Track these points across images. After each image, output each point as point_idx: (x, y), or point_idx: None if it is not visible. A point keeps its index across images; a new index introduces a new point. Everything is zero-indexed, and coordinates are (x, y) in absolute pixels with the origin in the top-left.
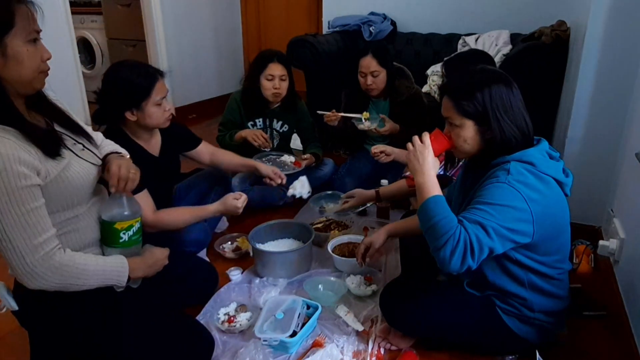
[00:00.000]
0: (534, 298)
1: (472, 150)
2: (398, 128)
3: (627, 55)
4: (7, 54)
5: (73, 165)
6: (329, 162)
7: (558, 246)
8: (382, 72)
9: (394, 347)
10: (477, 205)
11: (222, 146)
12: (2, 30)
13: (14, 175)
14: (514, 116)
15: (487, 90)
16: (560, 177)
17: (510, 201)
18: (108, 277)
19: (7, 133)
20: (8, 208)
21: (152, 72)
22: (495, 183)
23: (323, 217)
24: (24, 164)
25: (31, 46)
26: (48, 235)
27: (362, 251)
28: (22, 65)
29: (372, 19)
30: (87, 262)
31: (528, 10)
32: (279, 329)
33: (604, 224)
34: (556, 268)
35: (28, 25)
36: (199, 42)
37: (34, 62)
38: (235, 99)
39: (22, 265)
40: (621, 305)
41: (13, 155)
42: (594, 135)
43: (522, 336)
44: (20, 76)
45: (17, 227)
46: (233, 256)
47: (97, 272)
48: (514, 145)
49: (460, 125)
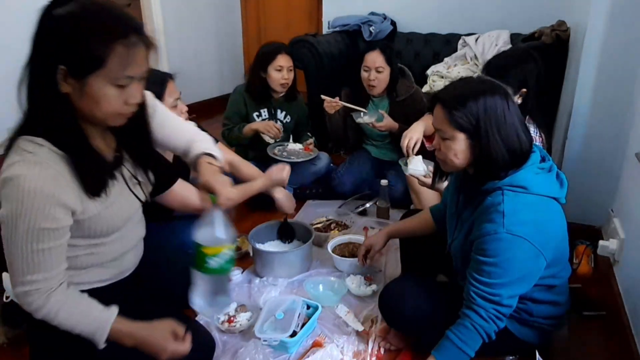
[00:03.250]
0: (533, 307)
1: (461, 164)
2: (397, 126)
3: (627, 55)
4: (85, 92)
5: (118, 201)
6: (324, 155)
7: (559, 257)
8: (386, 69)
9: (394, 347)
10: (484, 267)
11: (228, 140)
12: (88, 68)
13: (44, 217)
14: (506, 132)
15: (482, 101)
16: (554, 192)
17: (515, 251)
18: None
19: (56, 161)
20: (23, 240)
21: (161, 76)
22: (494, 235)
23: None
24: (61, 206)
25: (116, 90)
26: (41, 276)
27: (363, 253)
28: (97, 106)
29: (372, 19)
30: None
31: (528, 10)
32: (279, 329)
33: (604, 224)
34: (556, 278)
35: (122, 70)
36: (199, 42)
37: (112, 105)
38: (239, 91)
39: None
40: (621, 305)
41: (52, 196)
42: (594, 136)
43: (521, 338)
44: (92, 113)
45: (21, 258)
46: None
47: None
48: (502, 165)
49: (451, 137)
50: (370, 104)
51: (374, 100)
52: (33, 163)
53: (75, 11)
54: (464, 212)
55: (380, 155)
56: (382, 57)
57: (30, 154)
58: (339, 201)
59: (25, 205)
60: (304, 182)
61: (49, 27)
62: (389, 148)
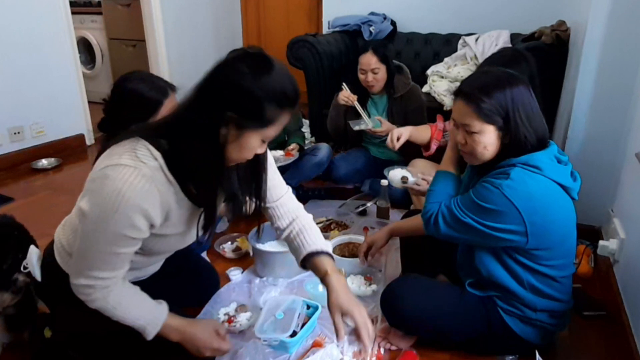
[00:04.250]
0: (534, 300)
1: (491, 156)
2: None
3: (627, 55)
4: (239, 140)
5: (186, 234)
6: (324, 146)
7: (564, 251)
8: (382, 68)
9: (394, 347)
10: (468, 200)
11: None
12: (255, 125)
13: (131, 226)
14: (534, 119)
15: (509, 91)
16: (566, 182)
17: (494, 205)
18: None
19: (164, 187)
20: (104, 241)
21: (163, 86)
22: (487, 185)
23: (323, 217)
24: (145, 218)
25: (259, 145)
26: (108, 275)
27: (364, 249)
28: (238, 152)
29: (372, 19)
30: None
31: (528, 10)
32: (279, 329)
33: (604, 224)
34: (560, 270)
35: (275, 132)
36: (199, 42)
37: (247, 154)
38: None
39: (74, 277)
40: (621, 305)
41: (139, 206)
42: (594, 136)
43: (523, 337)
44: (230, 156)
45: (96, 255)
46: (233, 256)
47: (125, 315)
48: (528, 150)
49: (480, 131)
50: (370, 101)
51: (373, 97)
52: (141, 176)
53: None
54: None
55: (380, 155)
56: (375, 57)
57: (143, 164)
58: (339, 201)
59: (119, 211)
60: (306, 178)
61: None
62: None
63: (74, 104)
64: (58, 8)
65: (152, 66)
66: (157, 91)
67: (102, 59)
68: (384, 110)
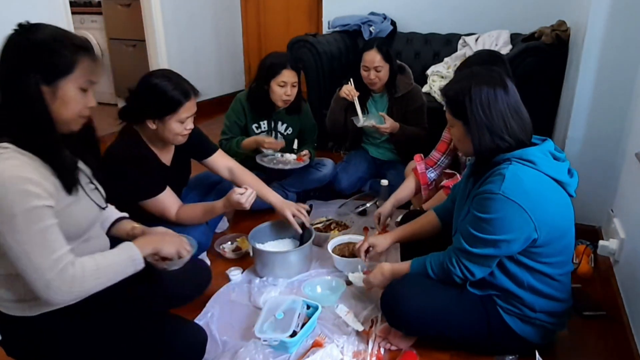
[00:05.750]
0: (534, 299)
1: (467, 149)
2: (398, 126)
3: (627, 55)
4: (57, 95)
5: (80, 202)
6: (329, 162)
7: (561, 248)
8: (385, 67)
9: (394, 347)
10: (477, 221)
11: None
12: (60, 73)
13: (23, 196)
14: (496, 118)
15: (468, 91)
16: (562, 178)
17: (507, 213)
18: (123, 265)
19: (24, 158)
20: (24, 226)
21: (187, 88)
22: (490, 194)
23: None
24: (33, 183)
25: (80, 93)
26: (63, 251)
27: (365, 248)
28: (65, 107)
29: (372, 19)
30: (98, 264)
31: (528, 10)
32: (279, 329)
33: (604, 224)
34: (558, 268)
35: (85, 75)
36: (199, 42)
37: (77, 107)
38: (240, 100)
39: (44, 281)
40: (621, 305)
41: (19, 177)
42: (594, 135)
43: (523, 336)
44: (61, 115)
45: (36, 244)
46: (233, 256)
47: (109, 267)
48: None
49: (452, 125)
50: (370, 100)
51: (374, 95)
52: (4, 159)
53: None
54: (473, 192)
55: (379, 155)
56: (379, 55)
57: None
58: (339, 201)
59: (11, 192)
60: (305, 188)
61: (23, 46)
62: (388, 148)
63: None
64: (58, 8)
65: (152, 66)
66: (180, 92)
67: (102, 59)
68: (384, 109)
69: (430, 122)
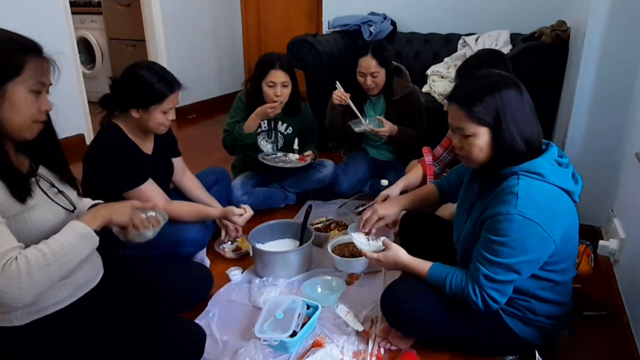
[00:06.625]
0: (536, 304)
1: (487, 158)
2: (396, 129)
3: (627, 55)
4: (5, 98)
5: (41, 207)
6: (329, 163)
7: (567, 254)
8: (381, 71)
9: (394, 347)
10: (493, 245)
11: (230, 148)
12: (7, 76)
13: None
14: (523, 122)
15: (498, 94)
16: (569, 186)
17: (526, 233)
18: (73, 244)
19: None
20: None
21: (172, 81)
22: (505, 215)
23: (323, 217)
24: None
25: (31, 96)
26: (5, 248)
27: (374, 220)
28: (16, 111)
29: (372, 19)
30: (43, 251)
31: (528, 10)
32: (279, 329)
33: (604, 224)
34: (563, 275)
35: (35, 77)
36: (199, 42)
37: (29, 111)
38: (240, 98)
39: None
40: (621, 305)
41: None
42: (594, 135)
43: (523, 337)
44: (11, 120)
45: None
46: (233, 256)
47: (57, 250)
48: (520, 154)
49: (475, 134)
50: (368, 103)
51: (371, 99)
52: None
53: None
54: (477, 202)
55: (379, 156)
56: (374, 61)
57: None
58: (339, 201)
59: None
60: (305, 189)
61: None
62: (388, 149)
63: (74, 104)
64: (58, 8)
65: None
66: (165, 84)
67: (102, 59)
68: (381, 112)
69: (430, 123)
